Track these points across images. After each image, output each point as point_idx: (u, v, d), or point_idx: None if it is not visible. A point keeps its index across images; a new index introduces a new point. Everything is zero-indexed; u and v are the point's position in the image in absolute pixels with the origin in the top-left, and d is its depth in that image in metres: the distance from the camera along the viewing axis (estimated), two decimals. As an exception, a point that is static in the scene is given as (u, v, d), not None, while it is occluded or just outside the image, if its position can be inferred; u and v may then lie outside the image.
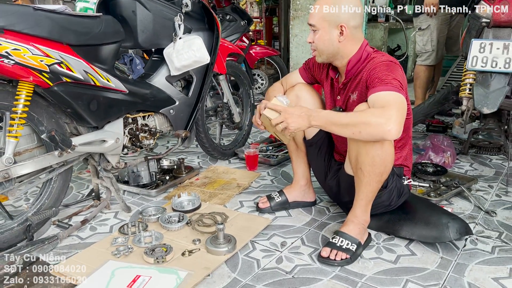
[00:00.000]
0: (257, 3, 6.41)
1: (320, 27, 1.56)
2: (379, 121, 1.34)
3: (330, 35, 1.56)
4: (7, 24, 1.38)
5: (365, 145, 1.45)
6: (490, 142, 2.72)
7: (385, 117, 1.33)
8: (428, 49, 3.40)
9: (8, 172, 1.51)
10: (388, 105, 1.36)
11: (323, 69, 1.76)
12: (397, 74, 1.46)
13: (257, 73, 4.23)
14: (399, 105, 1.38)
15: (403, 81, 1.48)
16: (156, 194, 2.12)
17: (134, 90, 1.88)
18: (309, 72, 1.83)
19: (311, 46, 1.63)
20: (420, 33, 3.41)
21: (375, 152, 1.44)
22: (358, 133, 1.37)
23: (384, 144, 1.44)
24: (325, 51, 1.60)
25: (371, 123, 1.35)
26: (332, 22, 1.54)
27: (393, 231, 1.69)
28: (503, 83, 2.02)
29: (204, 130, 2.40)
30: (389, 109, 1.35)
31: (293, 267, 1.50)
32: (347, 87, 1.63)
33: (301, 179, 1.92)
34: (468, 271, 1.47)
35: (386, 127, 1.33)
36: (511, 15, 2.02)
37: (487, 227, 1.76)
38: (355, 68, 1.59)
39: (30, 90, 1.51)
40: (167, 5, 1.99)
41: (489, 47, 2.03)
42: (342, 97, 1.66)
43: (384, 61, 1.51)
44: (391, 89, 1.40)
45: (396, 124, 1.33)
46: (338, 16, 1.53)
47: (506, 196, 2.05)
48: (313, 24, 1.57)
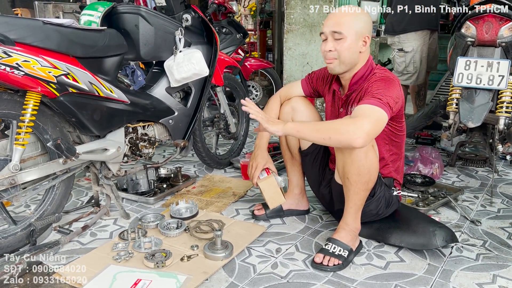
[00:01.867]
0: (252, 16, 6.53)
1: (348, 36, 1.55)
2: (348, 129, 1.41)
3: (355, 45, 1.57)
4: (18, 37, 1.45)
5: (350, 155, 1.52)
6: (476, 154, 2.83)
7: (355, 126, 1.41)
8: (410, 70, 3.34)
9: (14, 178, 1.57)
10: (362, 115, 1.44)
11: (326, 83, 1.82)
12: (393, 90, 1.52)
13: (252, 85, 4.31)
14: (374, 118, 1.44)
15: (398, 98, 1.53)
16: (154, 201, 2.17)
17: (136, 101, 1.95)
18: (310, 85, 1.87)
19: (329, 54, 1.60)
20: (401, 54, 3.33)
21: (360, 162, 1.52)
22: (328, 138, 1.44)
23: (368, 153, 1.51)
24: (348, 60, 1.60)
25: (340, 130, 1.43)
26: (359, 32, 1.57)
27: (383, 239, 1.76)
28: (487, 99, 2.13)
29: (201, 139, 2.47)
30: (360, 119, 1.42)
31: (288, 272, 1.57)
32: (349, 99, 1.68)
33: (295, 188, 1.99)
34: (453, 277, 1.54)
35: (353, 135, 1.40)
36: (494, 35, 2.14)
37: (472, 236, 1.85)
38: (360, 81, 1.64)
39: (38, 100, 1.58)
40: (169, 20, 2.07)
41: (474, 65, 2.14)
42: (344, 110, 1.72)
43: (383, 77, 1.57)
44: (375, 103, 1.46)
45: (364, 134, 1.40)
46: (363, 27, 1.57)
47: (490, 207, 2.15)
48: (340, 32, 1.55)
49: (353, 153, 1.50)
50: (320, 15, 4.22)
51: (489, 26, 2.14)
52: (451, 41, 2.47)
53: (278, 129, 1.53)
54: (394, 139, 1.72)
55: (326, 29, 1.59)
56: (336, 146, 1.51)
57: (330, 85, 1.80)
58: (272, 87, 4.35)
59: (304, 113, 1.83)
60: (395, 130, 1.69)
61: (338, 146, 1.51)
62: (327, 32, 1.59)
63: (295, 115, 1.83)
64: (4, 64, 1.41)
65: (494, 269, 1.60)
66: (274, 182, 1.76)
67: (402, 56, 3.34)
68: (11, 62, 1.42)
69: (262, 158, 1.79)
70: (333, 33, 1.57)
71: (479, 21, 2.17)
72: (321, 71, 1.86)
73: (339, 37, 1.56)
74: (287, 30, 4.45)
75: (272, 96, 1.96)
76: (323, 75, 1.84)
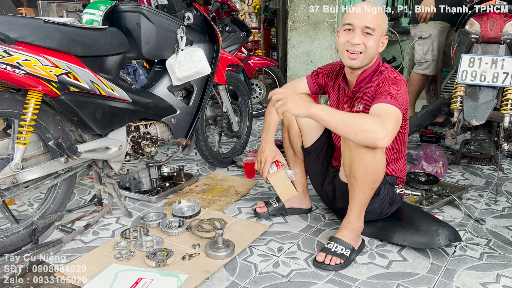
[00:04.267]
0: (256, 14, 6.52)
1: (377, 33, 1.59)
2: (376, 128, 1.40)
3: (378, 44, 1.62)
4: (19, 36, 1.45)
5: (358, 154, 1.51)
6: (482, 153, 2.80)
7: (382, 126, 1.40)
8: (429, 58, 3.35)
9: (16, 177, 1.57)
10: (387, 115, 1.44)
11: (331, 79, 1.82)
12: (402, 91, 1.55)
13: (255, 83, 4.30)
14: (396, 118, 1.46)
15: (406, 99, 1.56)
16: (157, 200, 2.18)
17: (137, 99, 1.95)
18: (316, 82, 1.87)
19: (357, 47, 1.59)
20: (420, 42, 3.37)
21: (368, 161, 1.51)
22: (354, 134, 1.42)
23: (376, 153, 1.51)
24: (370, 56, 1.62)
25: (368, 129, 1.41)
26: (383, 32, 1.62)
27: (385, 238, 1.75)
28: (491, 97, 2.10)
29: (203, 138, 2.46)
30: (386, 120, 1.42)
31: (289, 271, 1.56)
32: (355, 96, 1.69)
33: (298, 186, 1.97)
34: (457, 276, 1.53)
35: (380, 135, 1.39)
36: (498, 32, 2.11)
37: (476, 235, 1.83)
38: (367, 78, 1.65)
39: (39, 99, 1.58)
40: (170, 18, 2.07)
41: (478, 62, 2.12)
42: (349, 106, 1.72)
43: (392, 76, 1.60)
44: (393, 104, 1.47)
45: (389, 134, 1.41)
46: (385, 29, 1.63)
47: (495, 205, 2.13)
48: (372, 28, 1.57)
49: (362, 151, 1.50)
50: (324, 13, 4.19)
51: (494, 22, 2.11)
52: (455, 38, 2.45)
53: (302, 112, 1.47)
54: (397, 137, 1.70)
55: (358, 23, 1.57)
56: (358, 142, 1.47)
57: (335, 81, 1.80)
58: (276, 85, 4.34)
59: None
60: (399, 129, 1.68)
61: (360, 143, 1.47)
62: (358, 25, 1.57)
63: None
64: (5, 63, 1.41)
65: (498, 268, 1.58)
66: (284, 176, 1.73)
67: (421, 44, 3.37)
68: (12, 61, 1.43)
69: (271, 151, 1.75)
70: (365, 28, 1.57)
71: (483, 18, 2.14)
72: (326, 67, 1.86)
73: (370, 33, 1.57)
74: (291, 28, 4.43)
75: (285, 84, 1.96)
76: (328, 71, 1.84)
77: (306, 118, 1.76)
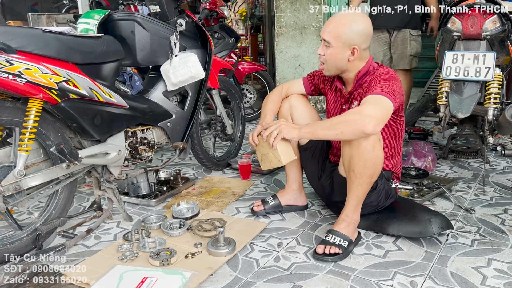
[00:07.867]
0: (242, 21, 6.59)
1: (334, 45, 1.64)
2: (355, 118, 1.47)
3: (342, 54, 1.65)
4: (19, 45, 1.49)
5: (358, 148, 1.57)
6: (468, 147, 2.89)
7: (361, 114, 1.46)
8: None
9: (19, 184, 1.60)
10: (366, 103, 1.50)
11: (327, 81, 1.88)
12: (395, 85, 1.59)
13: (246, 88, 4.36)
14: (379, 104, 1.50)
15: (399, 93, 1.60)
16: (156, 204, 2.21)
17: (134, 105, 1.99)
18: (312, 83, 1.94)
19: (320, 58, 1.71)
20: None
21: (367, 156, 1.57)
22: (340, 133, 1.50)
23: (375, 147, 1.57)
24: (333, 67, 1.71)
25: (348, 121, 1.48)
26: (346, 43, 1.63)
27: (381, 229, 1.81)
28: (475, 90, 2.19)
29: (199, 142, 2.51)
30: (364, 106, 1.49)
31: (290, 265, 1.61)
32: (352, 96, 1.75)
33: (293, 183, 2.03)
34: (450, 262, 1.60)
35: (362, 121, 1.45)
36: (479, 29, 2.21)
37: (467, 223, 1.91)
38: (362, 78, 1.71)
39: (40, 106, 1.61)
40: (163, 25, 2.12)
41: (461, 58, 2.21)
42: (347, 107, 1.78)
43: (385, 73, 1.66)
44: (381, 93, 1.53)
45: (373, 118, 1.45)
46: (352, 39, 1.63)
47: (483, 195, 2.21)
48: (327, 40, 1.65)
49: (361, 146, 1.55)
50: (310, 17, 4.29)
51: (474, 20, 2.21)
52: (438, 36, 2.54)
53: (296, 134, 1.59)
54: (394, 133, 1.78)
55: (321, 35, 1.69)
56: (351, 138, 1.53)
57: (332, 83, 1.86)
58: (265, 89, 4.41)
59: (301, 110, 1.90)
60: (396, 124, 1.75)
61: (353, 138, 1.53)
62: (321, 37, 1.69)
63: (293, 111, 1.90)
64: (6, 72, 1.45)
65: (489, 253, 1.65)
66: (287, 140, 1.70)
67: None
68: (13, 70, 1.46)
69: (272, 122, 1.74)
70: (323, 40, 1.68)
71: (464, 16, 2.24)
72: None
73: (327, 45, 1.67)
74: (278, 33, 4.51)
75: (274, 89, 2.02)
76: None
77: (302, 117, 1.83)
